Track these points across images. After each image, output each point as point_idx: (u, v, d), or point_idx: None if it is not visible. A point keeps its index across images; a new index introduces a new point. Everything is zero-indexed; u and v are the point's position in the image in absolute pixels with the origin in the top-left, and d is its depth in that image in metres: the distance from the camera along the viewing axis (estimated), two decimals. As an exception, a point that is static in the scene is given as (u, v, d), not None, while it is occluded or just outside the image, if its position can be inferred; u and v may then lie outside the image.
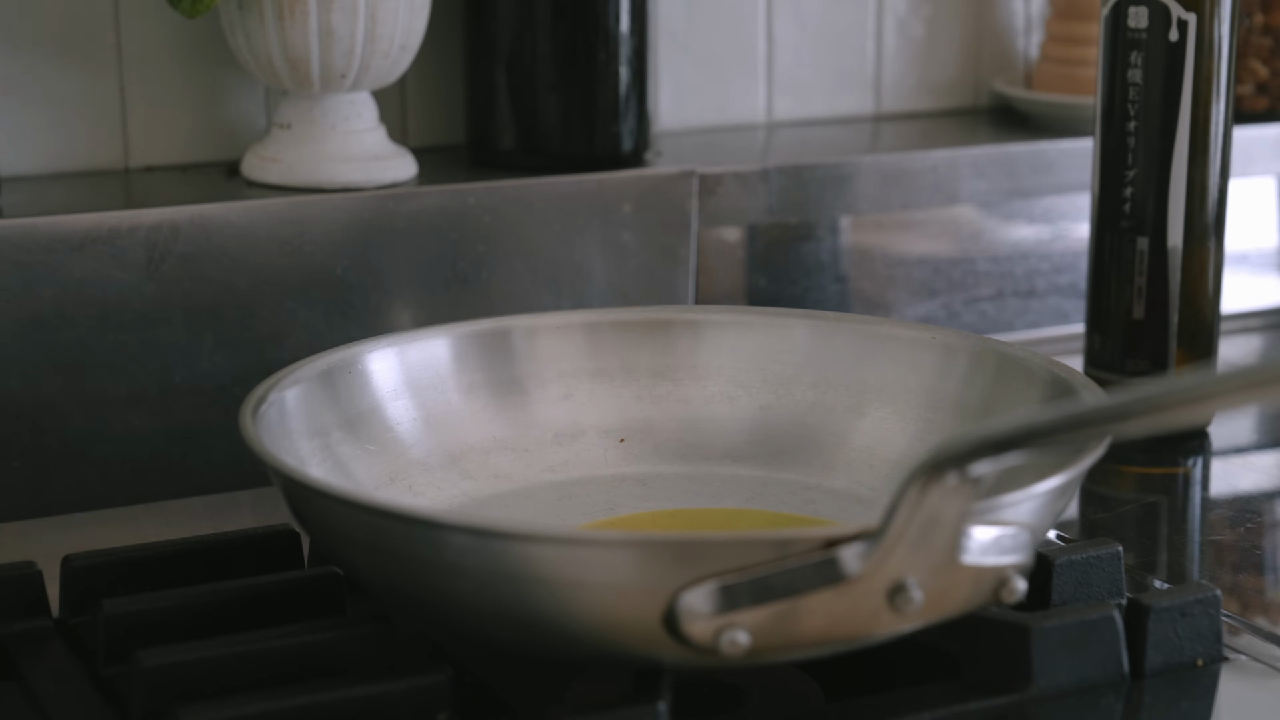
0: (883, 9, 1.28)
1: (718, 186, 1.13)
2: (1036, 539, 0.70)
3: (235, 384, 0.98)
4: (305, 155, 1.03)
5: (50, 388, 0.96)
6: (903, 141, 1.23)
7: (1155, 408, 0.60)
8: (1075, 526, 0.93)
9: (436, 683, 0.68)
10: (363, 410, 0.85)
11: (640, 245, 1.09)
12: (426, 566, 0.68)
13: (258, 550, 0.81)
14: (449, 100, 1.15)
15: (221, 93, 1.09)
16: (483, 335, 0.90)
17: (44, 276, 0.96)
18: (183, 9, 0.99)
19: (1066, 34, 1.28)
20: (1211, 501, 0.99)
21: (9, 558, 0.79)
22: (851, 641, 0.68)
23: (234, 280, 0.99)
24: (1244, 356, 1.21)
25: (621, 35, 1.09)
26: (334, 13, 0.99)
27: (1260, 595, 0.87)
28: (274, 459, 0.72)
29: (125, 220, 0.97)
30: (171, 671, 0.68)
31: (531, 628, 0.67)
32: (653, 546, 0.65)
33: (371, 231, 1.02)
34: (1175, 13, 1.00)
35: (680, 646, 0.65)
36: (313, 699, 0.66)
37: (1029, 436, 0.63)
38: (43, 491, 0.97)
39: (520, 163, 1.09)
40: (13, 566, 0.78)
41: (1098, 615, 0.74)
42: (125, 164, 1.08)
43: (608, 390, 0.91)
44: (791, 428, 0.90)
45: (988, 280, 1.21)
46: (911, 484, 0.65)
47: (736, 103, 1.26)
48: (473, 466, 0.87)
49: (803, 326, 0.91)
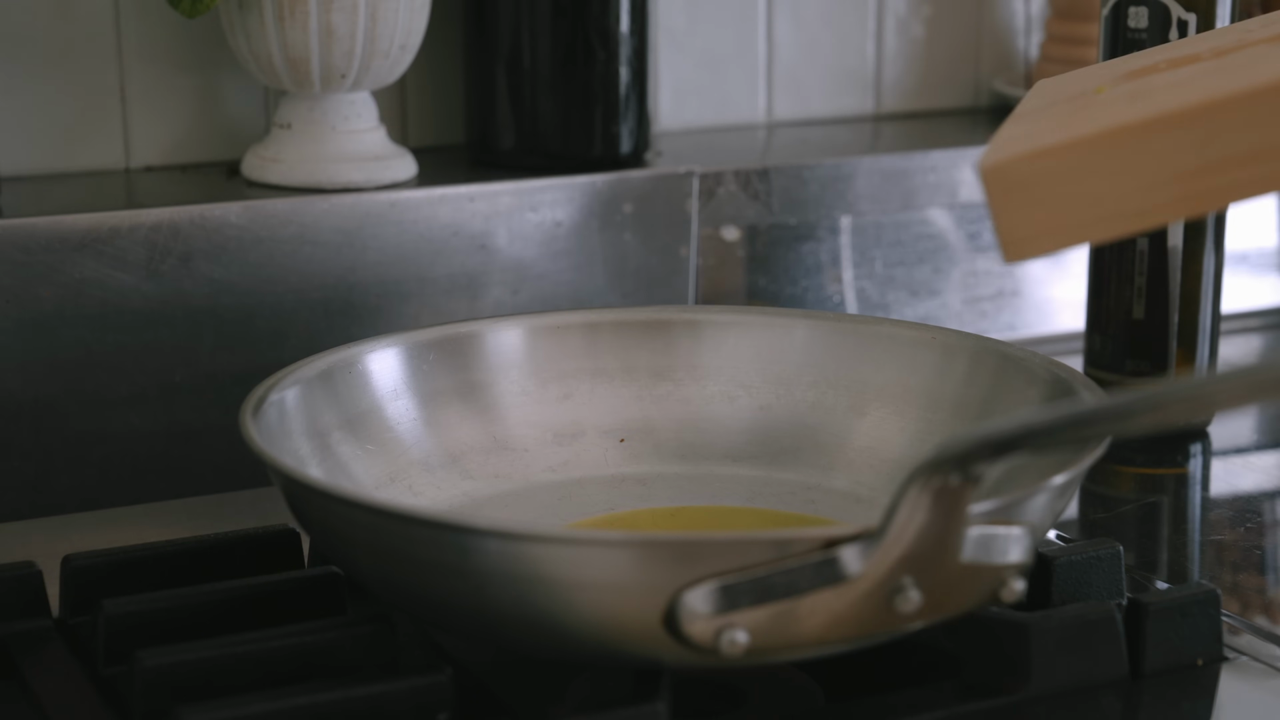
0: (883, 9, 1.28)
1: (718, 186, 1.13)
2: (1036, 539, 0.70)
3: (235, 384, 0.98)
4: (305, 155, 1.03)
5: (50, 388, 0.96)
6: (903, 141, 1.23)
7: (1155, 408, 0.60)
8: (1075, 526, 0.93)
9: (436, 683, 0.68)
10: (363, 410, 0.85)
11: (640, 245, 1.09)
12: (426, 566, 0.68)
13: (258, 550, 0.81)
14: (449, 100, 1.15)
15: (221, 93, 1.09)
16: (483, 335, 0.90)
17: (44, 276, 0.96)
18: (183, 9, 1.00)
19: (1066, 34, 1.28)
20: (1211, 501, 0.99)
21: (9, 558, 0.79)
22: (851, 641, 0.68)
23: (234, 280, 0.99)
24: (1244, 356, 1.21)
25: (621, 35, 1.09)
26: (334, 13, 0.99)
27: (1260, 595, 0.87)
28: (274, 459, 0.72)
29: (125, 220, 0.97)
30: (171, 671, 0.68)
31: (531, 628, 0.67)
32: (653, 546, 0.65)
33: (371, 231, 1.02)
34: (1175, 13, 1.00)
35: (680, 646, 0.65)
36: (313, 699, 0.66)
37: (1029, 437, 0.63)
38: (43, 491, 0.97)
39: (520, 163, 1.09)
40: (13, 566, 0.78)
41: (1098, 615, 0.74)
42: (125, 164, 1.08)
43: (608, 390, 0.91)
44: (791, 428, 0.90)
45: (988, 280, 1.21)
46: (911, 484, 0.65)
47: (736, 103, 1.26)
48: (473, 466, 0.87)
49: (803, 326, 0.91)
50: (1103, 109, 0.70)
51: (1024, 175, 0.67)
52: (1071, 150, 0.66)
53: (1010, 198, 0.67)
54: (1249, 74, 0.66)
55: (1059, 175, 0.66)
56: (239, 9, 1.01)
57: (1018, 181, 0.67)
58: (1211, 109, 0.64)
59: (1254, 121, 0.63)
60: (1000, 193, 0.67)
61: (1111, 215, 0.66)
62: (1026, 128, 0.72)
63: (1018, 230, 0.67)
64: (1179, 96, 0.66)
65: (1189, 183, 0.64)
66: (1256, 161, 0.63)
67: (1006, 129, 0.74)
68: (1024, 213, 0.67)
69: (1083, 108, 0.72)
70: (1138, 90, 0.71)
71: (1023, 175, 0.67)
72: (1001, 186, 0.67)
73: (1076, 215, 0.66)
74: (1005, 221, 0.67)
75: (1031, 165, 0.67)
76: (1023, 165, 0.67)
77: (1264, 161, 0.63)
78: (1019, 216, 0.67)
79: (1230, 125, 0.64)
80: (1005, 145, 0.70)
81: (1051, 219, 0.67)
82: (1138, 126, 0.65)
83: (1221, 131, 0.64)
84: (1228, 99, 0.64)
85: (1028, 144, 0.68)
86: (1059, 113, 0.73)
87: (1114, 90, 0.73)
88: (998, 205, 0.67)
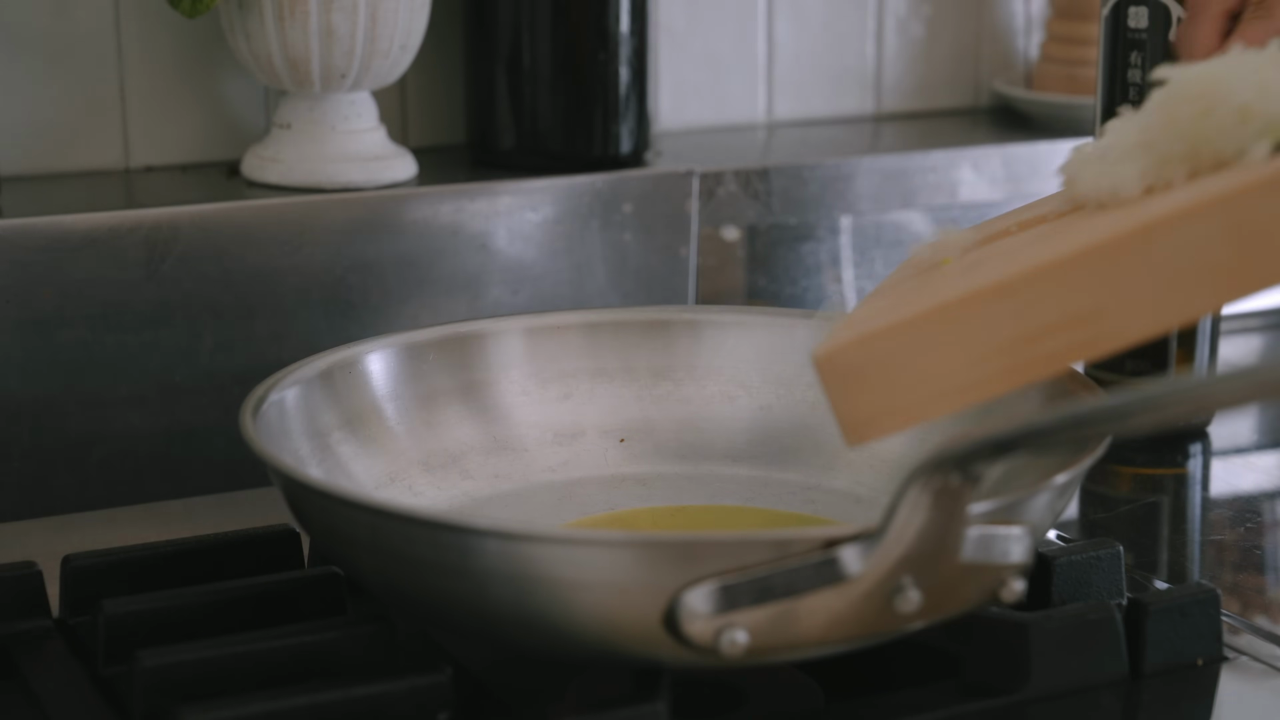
0: (883, 9, 1.28)
1: (718, 186, 1.13)
2: (1036, 539, 0.70)
3: (235, 384, 0.98)
4: (305, 155, 1.03)
5: (50, 388, 0.96)
6: (903, 141, 1.23)
7: (1155, 408, 0.60)
8: (1075, 526, 0.93)
9: (436, 683, 0.68)
10: (363, 410, 0.85)
11: (640, 245, 1.09)
12: (427, 566, 0.68)
13: (258, 550, 0.81)
14: (449, 100, 1.15)
15: (221, 93, 1.09)
16: (482, 335, 0.90)
17: (44, 276, 0.96)
18: (183, 9, 1.00)
19: (1066, 34, 1.28)
20: (1211, 501, 0.99)
21: (9, 558, 0.79)
22: (851, 641, 0.68)
23: (234, 280, 0.99)
24: (1244, 356, 1.21)
25: (621, 35, 1.09)
26: (334, 13, 0.99)
27: (1260, 595, 0.87)
28: (274, 459, 0.72)
29: (125, 220, 0.97)
30: (171, 671, 0.68)
31: (531, 628, 0.67)
32: (653, 546, 0.65)
33: (371, 231, 1.02)
34: (1175, 13, 1.00)
35: (680, 646, 0.65)
36: (313, 699, 0.66)
37: (1029, 437, 0.63)
38: (43, 491, 0.97)
39: (520, 163, 1.09)
40: (13, 566, 0.78)
41: (1098, 615, 0.74)
42: (125, 164, 1.08)
43: (608, 390, 0.91)
44: (791, 428, 0.90)
45: (988, 280, 1.21)
46: (911, 484, 0.65)
47: (736, 103, 1.26)
48: (473, 466, 0.87)
49: (803, 326, 0.91)
50: (935, 285, 0.72)
51: (854, 361, 0.68)
52: (897, 332, 0.68)
53: (844, 384, 0.69)
54: (1060, 243, 0.67)
55: (887, 357, 0.68)
56: (239, 9, 1.01)
57: (849, 368, 0.68)
58: (1022, 280, 0.65)
59: (1062, 290, 0.65)
60: (834, 380, 0.69)
61: (944, 391, 0.67)
62: (865, 311, 0.74)
63: (856, 414, 0.69)
64: (999, 269, 0.68)
65: (1013, 353, 0.66)
66: (1070, 328, 0.65)
67: (852, 312, 0.76)
68: (860, 397, 0.68)
69: (922, 285, 0.73)
70: (971, 263, 0.73)
71: (853, 361, 0.68)
72: (834, 374, 0.69)
73: (910, 395, 0.68)
74: (843, 407, 0.69)
75: (860, 350, 0.68)
76: (852, 351, 0.68)
77: (1077, 328, 0.65)
78: (855, 401, 0.69)
79: (1040, 295, 0.65)
80: (840, 331, 0.71)
81: (886, 400, 0.68)
82: (957, 303, 0.67)
83: (1035, 301, 0.65)
84: (1036, 270, 0.65)
85: (857, 329, 0.70)
86: (901, 292, 0.74)
87: (955, 263, 0.75)
88: (833, 392, 0.69)
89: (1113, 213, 0.69)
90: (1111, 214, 0.68)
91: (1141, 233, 0.64)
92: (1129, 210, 0.68)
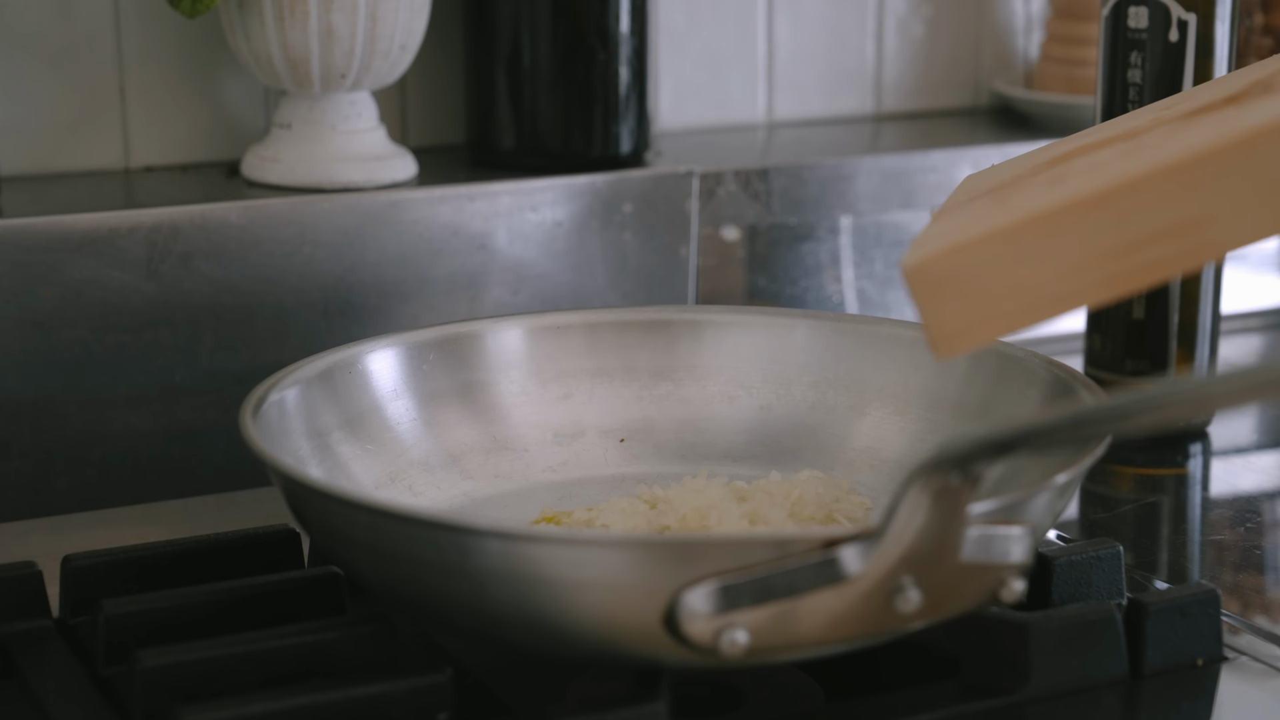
0: (883, 9, 1.28)
1: (718, 186, 1.13)
2: (1036, 539, 0.70)
3: (235, 384, 0.98)
4: (305, 155, 1.03)
5: (50, 388, 0.96)
6: (903, 141, 1.23)
7: (1155, 408, 0.60)
8: (1075, 526, 0.93)
9: (436, 683, 0.68)
10: (363, 410, 0.85)
11: (640, 245, 1.09)
12: (426, 567, 0.68)
13: (258, 550, 0.81)
14: (449, 100, 1.15)
15: (221, 93, 1.09)
16: (482, 335, 0.90)
17: (44, 276, 0.96)
18: (183, 9, 1.00)
19: (1066, 34, 1.28)
20: (1211, 501, 0.99)
21: (9, 558, 0.79)
22: (851, 641, 0.68)
23: (234, 280, 0.99)
24: (1244, 356, 1.21)
25: (621, 35, 1.09)
26: (334, 13, 0.99)
27: (1260, 595, 0.87)
28: (274, 459, 0.72)
29: (125, 220, 0.97)
30: (171, 671, 0.68)
31: (531, 628, 0.67)
32: (653, 547, 0.65)
33: (371, 231, 1.02)
34: (1175, 13, 1.00)
35: (680, 646, 0.65)
36: (313, 699, 0.66)
37: (1030, 437, 0.63)
38: (43, 491, 0.97)
39: (520, 163, 1.09)
40: (13, 566, 0.78)
41: (1097, 615, 0.74)
42: (125, 164, 1.08)
43: (608, 390, 0.91)
44: (791, 428, 0.90)
45: (988, 280, 1.21)
46: (911, 484, 0.65)
47: (736, 103, 1.26)
48: (473, 466, 0.87)
49: (803, 326, 0.91)
50: (1020, 198, 0.71)
51: (947, 271, 0.68)
52: (991, 242, 0.67)
53: (935, 295, 0.68)
54: (1158, 153, 0.67)
55: (981, 268, 0.67)
56: (239, 9, 1.01)
57: (941, 278, 0.68)
58: (1124, 189, 0.65)
59: (1166, 199, 0.65)
60: (925, 291, 0.68)
61: (1038, 302, 0.67)
62: (948, 224, 0.73)
63: (947, 326, 0.68)
64: (1093, 180, 0.68)
65: (1111, 263, 0.65)
66: (1173, 238, 0.64)
67: (930, 227, 0.75)
68: (951, 308, 0.68)
69: (1002, 199, 0.73)
70: (1054, 177, 0.72)
71: (945, 271, 0.68)
72: (926, 284, 0.68)
73: (1003, 305, 0.67)
74: (933, 318, 0.68)
75: (953, 260, 0.68)
76: (945, 261, 0.68)
77: (1180, 237, 0.64)
78: (946, 312, 0.68)
79: (1143, 204, 0.65)
80: (926, 243, 0.71)
81: (978, 311, 0.68)
82: (1054, 212, 0.66)
83: (1136, 211, 0.65)
84: (1139, 178, 0.65)
85: (948, 240, 0.69)
86: (980, 206, 0.74)
87: (1032, 179, 0.74)
88: (924, 303, 0.68)
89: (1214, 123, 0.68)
90: (1213, 124, 0.68)
91: (1248, 140, 0.63)
92: (1232, 119, 0.67)
